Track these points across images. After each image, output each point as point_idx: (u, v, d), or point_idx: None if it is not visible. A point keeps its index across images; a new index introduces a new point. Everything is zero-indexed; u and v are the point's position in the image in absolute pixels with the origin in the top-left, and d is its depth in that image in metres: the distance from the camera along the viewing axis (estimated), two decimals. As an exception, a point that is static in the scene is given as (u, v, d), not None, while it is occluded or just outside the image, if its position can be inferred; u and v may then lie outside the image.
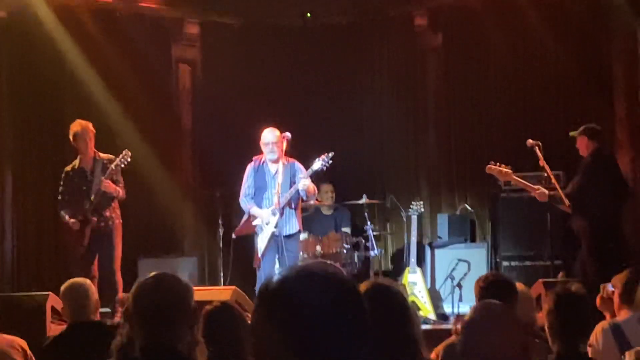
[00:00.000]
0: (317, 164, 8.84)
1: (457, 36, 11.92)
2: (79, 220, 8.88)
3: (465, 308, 9.73)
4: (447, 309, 10.22)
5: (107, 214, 8.96)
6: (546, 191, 8.65)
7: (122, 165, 8.84)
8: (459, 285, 10.05)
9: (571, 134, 8.90)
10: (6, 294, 9.38)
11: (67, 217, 8.94)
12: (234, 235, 9.48)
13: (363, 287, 3.31)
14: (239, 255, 10.66)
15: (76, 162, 9.11)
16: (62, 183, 9.14)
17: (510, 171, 8.73)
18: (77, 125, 9.05)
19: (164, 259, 10.77)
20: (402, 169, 12.37)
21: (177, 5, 11.93)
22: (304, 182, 8.76)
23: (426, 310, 10.04)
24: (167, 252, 11.13)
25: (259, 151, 9.09)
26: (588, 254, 8.48)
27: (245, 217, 9.15)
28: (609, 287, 5.53)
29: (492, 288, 4.74)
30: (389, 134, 12.47)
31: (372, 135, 12.52)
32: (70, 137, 9.06)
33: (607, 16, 10.26)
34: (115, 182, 8.94)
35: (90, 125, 9.07)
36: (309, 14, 12.34)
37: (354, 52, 12.55)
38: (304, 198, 9.15)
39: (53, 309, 7.97)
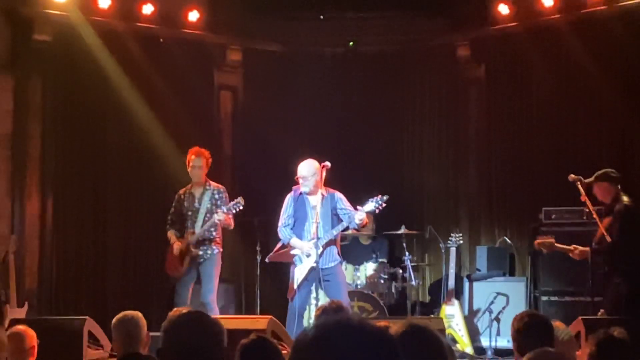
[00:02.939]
0: (370, 206, 8.64)
1: (500, 67, 11.87)
2: (181, 248, 9.11)
3: (503, 342, 9.64)
4: (484, 342, 10.12)
5: (209, 243, 9.16)
6: (585, 249, 8.58)
7: (234, 211, 9.06)
8: (497, 319, 9.96)
9: (586, 181, 8.77)
10: (44, 317, 9.43)
11: (173, 238, 9.19)
12: (267, 260, 9.43)
13: (400, 327, 3.26)
14: (277, 282, 10.64)
15: (189, 187, 9.34)
16: (173, 204, 9.37)
17: (553, 241, 8.73)
18: (192, 152, 9.24)
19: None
20: (442, 200, 12.31)
21: (220, 32, 12.01)
22: (361, 217, 8.63)
23: (463, 343, 9.95)
24: (205, 278, 11.11)
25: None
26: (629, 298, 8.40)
27: (280, 244, 9.11)
28: None
29: (528, 329, 4.65)
30: (430, 164, 12.43)
31: (413, 165, 12.49)
32: (186, 163, 9.24)
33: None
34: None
35: (205, 153, 9.25)
36: (351, 43, 12.37)
37: (396, 82, 12.53)
38: (357, 229, 9.08)
39: (90, 333, 8.00)
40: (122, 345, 5.49)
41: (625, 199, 8.77)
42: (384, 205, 8.65)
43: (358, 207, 8.67)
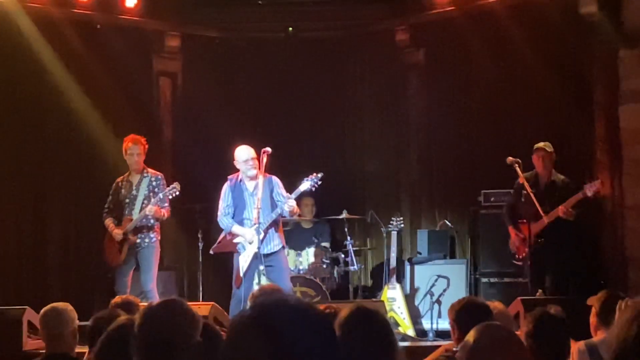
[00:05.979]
0: (306, 185, 8.80)
1: (439, 52, 11.92)
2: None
3: (444, 324, 9.73)
4: (426, 325, 10.21)
5: (147, 231, 9.12)
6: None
7: (170, 197, 9.08)
8: (438, 302, 10.08)
9: (543, 145, 9.03)
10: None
11: (111, 226, 9.16)
12: (211, 252, 9.42)
13: (346, 310, 3.27)
14: (219, 269, 10.62)
15: (127, 174, 9.33)
16: (110, 192, 9.35)
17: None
18: (128, 140, 9.21)
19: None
20: (383, 184, 12.37)
21: (158, 18, 11.88)
22: (290, 204, 8.72)
23: (405, 326, 10.03)
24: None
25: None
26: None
27: (222, 235, 9.12)
28: None
29: (467, 313, 4.69)
30: (371, 149, 12.47)
31: (354, 150, 12.53)
32: (123, 151, 9.21)
33: (589, 36, 10.26)
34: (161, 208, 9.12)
35: (142, 140, 9.25)
36: (290, 28, 12.33)
37: (336, 67, 12.54)
38: (286, 217, 9.15)
39: (30, 323, 7.92)
40: (47, 339, 5.28)
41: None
42: (319, 183, 8.74)
43: (289, 195, 8.75)
